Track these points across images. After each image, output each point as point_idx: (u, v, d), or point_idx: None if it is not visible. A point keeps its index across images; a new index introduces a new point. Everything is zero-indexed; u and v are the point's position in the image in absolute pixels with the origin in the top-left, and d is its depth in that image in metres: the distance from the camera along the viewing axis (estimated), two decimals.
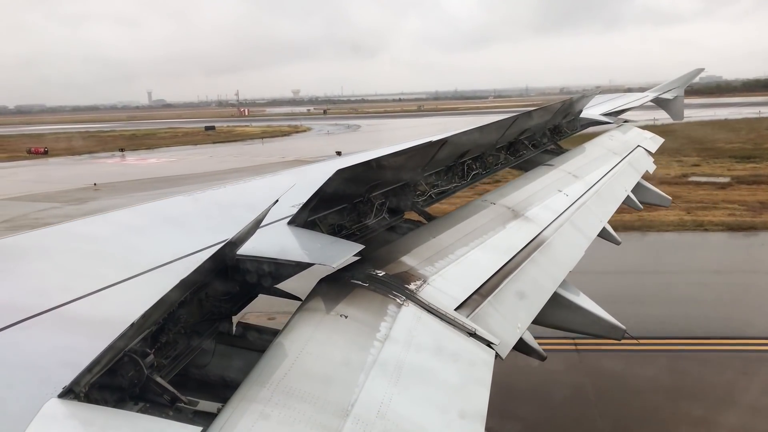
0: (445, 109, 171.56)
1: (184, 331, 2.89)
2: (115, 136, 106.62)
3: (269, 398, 2.46)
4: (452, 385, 3.10)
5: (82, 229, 4.22)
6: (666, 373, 12.04)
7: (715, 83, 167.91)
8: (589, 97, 11.56)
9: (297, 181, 4.90)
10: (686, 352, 12.82)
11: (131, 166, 58.94)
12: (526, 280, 4.60)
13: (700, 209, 25.18)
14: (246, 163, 52.38)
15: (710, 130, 54.50)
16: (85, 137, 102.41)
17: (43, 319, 2.68)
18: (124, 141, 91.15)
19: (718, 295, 15.86)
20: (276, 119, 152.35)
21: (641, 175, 10.15)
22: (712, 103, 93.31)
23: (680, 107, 17.36)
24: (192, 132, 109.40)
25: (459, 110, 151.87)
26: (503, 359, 3.53)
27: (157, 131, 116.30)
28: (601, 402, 11.04)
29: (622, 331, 5.27)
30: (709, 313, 14.56)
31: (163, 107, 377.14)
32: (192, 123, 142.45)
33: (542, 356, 4.51)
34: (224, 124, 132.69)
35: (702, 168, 36.52)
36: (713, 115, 73.47)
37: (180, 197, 5.29)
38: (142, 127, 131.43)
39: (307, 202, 3.80)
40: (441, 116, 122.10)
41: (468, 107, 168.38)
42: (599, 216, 7.05)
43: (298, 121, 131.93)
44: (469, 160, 6.56)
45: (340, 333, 3.09)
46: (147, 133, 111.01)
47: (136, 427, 2.06)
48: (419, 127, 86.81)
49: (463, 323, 3.55)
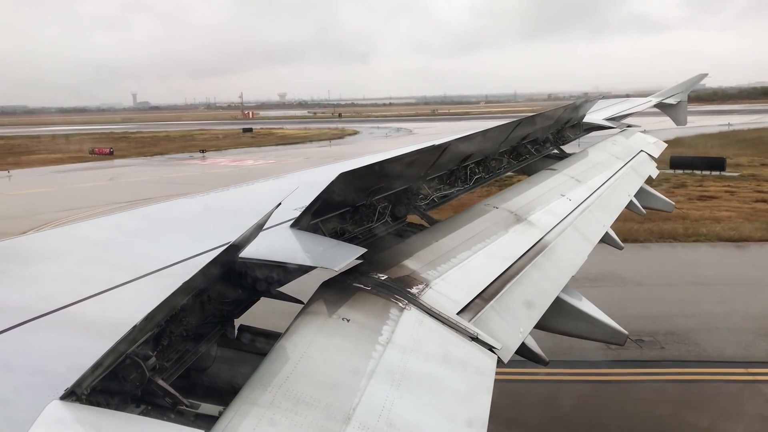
0: (460, 113, 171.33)
1: (186, 334, 2.89)
2: (145, 137, 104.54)
3: (271, 402, 2.45)
4: (454, 389, 3.09)
5: (85, 231, 4.23)
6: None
7: (711, 90, 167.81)
8: (592, 102, 11.56)
9: (300, 184, 4.90)
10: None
11: (240, 168, 55.97)
12: (528, 284, 4.59)
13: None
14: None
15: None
16: (116, 139, 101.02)
17: (46, 320, 2.68)
18: (168, 142, 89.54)
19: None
20: (279, 122, 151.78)
21: (644, 179, 10.13)
22: (713, 110, 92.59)
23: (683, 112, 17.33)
24: (232, 134, 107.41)
25: (473, 114, 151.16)
26: (505, 364, 3.53)
27: (191, 133, 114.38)
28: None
29: (625, 336, 5.25)
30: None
31: (149, 110, 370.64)
32: (207, 125, 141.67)
33: (545, 361, 4.50)
34: (236, 126, 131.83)
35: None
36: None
37: (183, 199, 5.30)
38: (152, 130, 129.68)
39: (309, 205, 3.81)
40: (465, 120, 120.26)
41: (483, 111, 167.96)
42: (602, 220, 7.04)
43: (307, 124, 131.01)
44: (472, 164, 6.56)
45: (343, 337, 3.08)
46: (183, 135, 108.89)
47: (138, 430, 2.06)
48: (466, 130, 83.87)
49: (465, 327, 3.54)
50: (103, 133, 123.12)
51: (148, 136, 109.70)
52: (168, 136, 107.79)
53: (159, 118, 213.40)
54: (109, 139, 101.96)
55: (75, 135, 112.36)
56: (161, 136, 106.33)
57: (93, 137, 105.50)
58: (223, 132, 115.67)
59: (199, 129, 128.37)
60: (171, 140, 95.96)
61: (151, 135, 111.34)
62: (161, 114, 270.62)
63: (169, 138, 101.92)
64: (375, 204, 4.55)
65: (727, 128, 72.48)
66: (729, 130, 70.49)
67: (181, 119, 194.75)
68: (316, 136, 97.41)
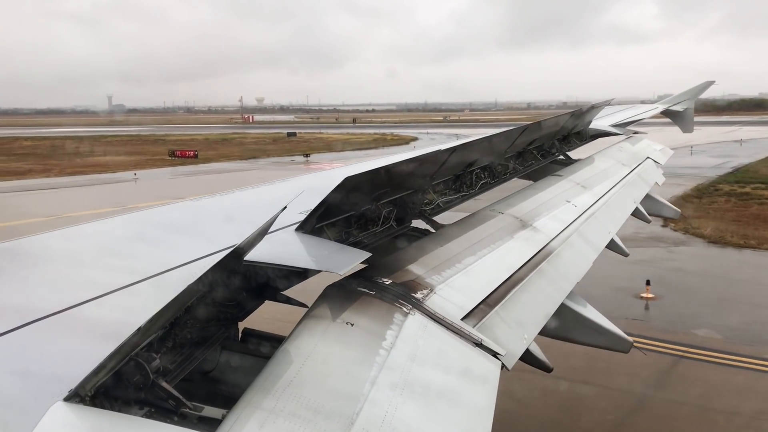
0: (472, 120, 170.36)
1: (190, 336, 2.89)
2: (183, 140, 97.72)
3: (274, 406, 2.45)
4: (458, 395, 3.08)
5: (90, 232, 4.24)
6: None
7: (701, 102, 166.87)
8: (598, 108, 11.54)
9: (305, 188, 4.90)
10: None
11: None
12: (533, 290, 4.57)
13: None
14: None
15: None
16: (148, 141, 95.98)
17: (50, 322, 2.69)
18: (228, 146, 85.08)
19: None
20: (280, 126, 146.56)
21: (650, 186, 10.11)
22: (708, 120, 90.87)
23: (690, 119, 17.28)
24: (278, 138, 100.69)
25: (484, 122, 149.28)
26: (509, 370, 3.51)
27: (227, 137, 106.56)
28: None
29: (629, 343, 5.23)
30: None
31: (127, 113, 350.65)
32: (216, 129, 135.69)
33: (549, 368, 4.48)
34: (245, 130, 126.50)
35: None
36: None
37: (188, 202, 5.31)
38: (166, 133, 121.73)
39: (315, 209, 3.81)
40: (482, 126, 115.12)
41: (496, 119, 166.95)
42: (608, 227, 7.02)
43: (332, 129, 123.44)
44: (478, 170, 6.55)
45: (347, 341, 3.08)
46: (223, 138, 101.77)
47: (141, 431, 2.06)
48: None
49: (469, 333, 3.53)
50: (116, 135, 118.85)
51: (183, 138, 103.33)
52: (208, 139, 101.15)
53: (153, 121, 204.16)
54: (135, 141, 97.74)
55: (90, 137, 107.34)
56: (203, 140, 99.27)
57: (110, 140, 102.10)
58: (265, 136, 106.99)
59: (235, 132, 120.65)
60: (228, 143, 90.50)
61: (188, 138, 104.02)
62: (151, 117, 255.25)
63: (216, 141, 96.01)
64: (380, 208, 4.55)
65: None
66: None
67: (174, 122, 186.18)
68: (376, 142, 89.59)
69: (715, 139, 70.77)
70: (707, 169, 44.82)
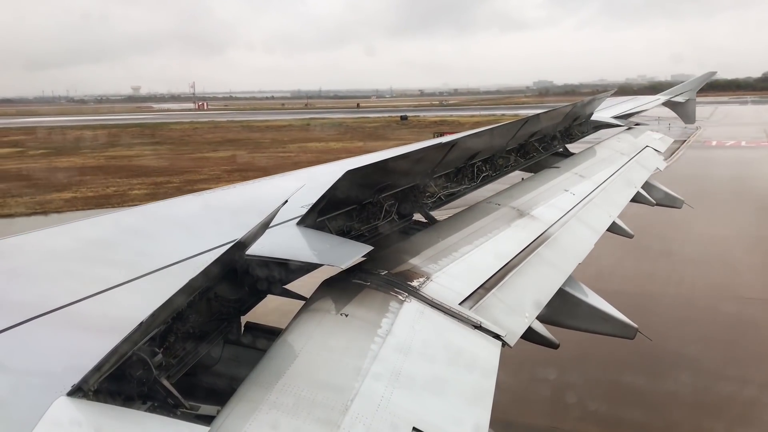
0: (471, 102, 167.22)
1: (192, 331, 2.90)
2: (239, 128, 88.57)
3: (267, 397, 2.48)
4: (458, 376, 3.09)
5: (91, 229, 4.24)
6: None
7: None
8: (600, 100, 11.51)
9: (306, 181, 4.90)
10: None
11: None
12: (531, 272, 4.58)
13: None
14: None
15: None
16: (209, 130, 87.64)
17: (54, 317, 2.70)
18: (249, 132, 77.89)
19: None
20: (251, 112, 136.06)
21: (651, 172, 10.11)
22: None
23: (692, 111, 17.24)
24: (393, 122, 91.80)
25: (486, 104, 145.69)
26: (512, 347, 3.52)
27: (343, 121, 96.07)
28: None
29: (635, 329, 5.20)
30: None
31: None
32: (205, 116, 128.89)
33: (555, 344, 4.43)
34: (342, 115, 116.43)
35: None
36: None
37: (189, 197, 5.31)
38: (148, 122, 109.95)
39: (316, 203, 3.81)
40: (488, 109, 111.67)
41: (497, 101, 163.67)
42: (608, 211, 7.04)
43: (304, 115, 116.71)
44: (479, 162, 6.55)
45: (341, 331, 3.09)
46: (336, 124, 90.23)
47: (143, 426, 2.07)
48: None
49: (468, 316, 3.54)
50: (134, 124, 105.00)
51: (259, 125, 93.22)
52: (248, 125, 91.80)
53: (91, 111, 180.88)
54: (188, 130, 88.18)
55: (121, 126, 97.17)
56: (242, 126, 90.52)
57: (128, 129, 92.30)
58: (379, 120, 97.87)
59: (355, 117, 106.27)
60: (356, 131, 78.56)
61: (238, 126, 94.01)
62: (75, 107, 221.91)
63: (252, 128, 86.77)
64: (381, 202, 4.55)
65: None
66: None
67: (132, 111, 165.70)
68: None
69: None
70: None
